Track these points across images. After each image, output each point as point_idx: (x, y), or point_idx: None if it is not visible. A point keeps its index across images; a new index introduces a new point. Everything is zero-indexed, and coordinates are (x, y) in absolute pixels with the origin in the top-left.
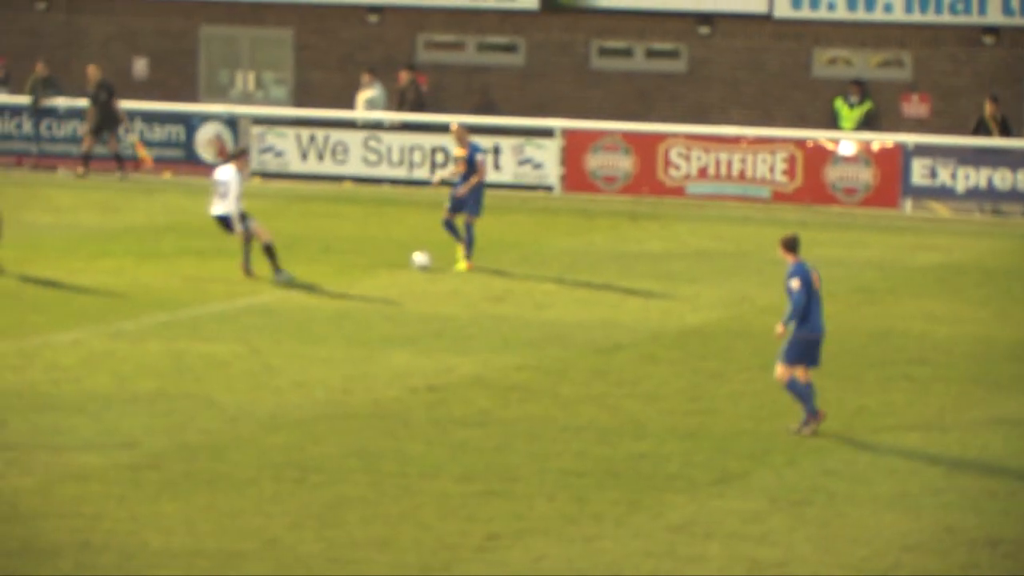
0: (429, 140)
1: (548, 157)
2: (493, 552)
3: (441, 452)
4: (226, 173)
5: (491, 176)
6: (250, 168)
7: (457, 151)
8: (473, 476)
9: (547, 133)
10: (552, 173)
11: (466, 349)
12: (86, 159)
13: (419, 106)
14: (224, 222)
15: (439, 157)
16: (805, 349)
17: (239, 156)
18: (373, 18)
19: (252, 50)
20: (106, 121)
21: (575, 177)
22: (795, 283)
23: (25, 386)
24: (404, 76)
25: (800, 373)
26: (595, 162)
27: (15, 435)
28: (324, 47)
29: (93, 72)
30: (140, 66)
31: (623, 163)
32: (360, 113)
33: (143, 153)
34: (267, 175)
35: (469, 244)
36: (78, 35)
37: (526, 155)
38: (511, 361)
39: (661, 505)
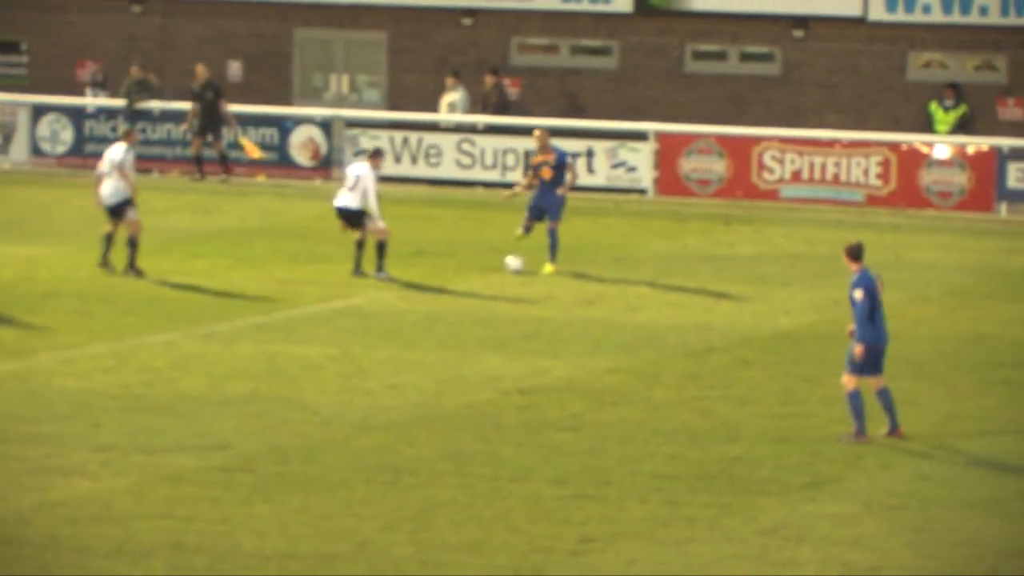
0: (522, 143)
1: (642, 160)
2: (585, 555)
3: (533, 455)
4: (360, 169)
5: (585, 180)
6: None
7: (539, 156)
8: (565, 479)
9: (641, 136)
10: (645, 176)
11: (558, 352)
12: (198, 162)
13: (503, 109)
14: (345, 215)
15: (512, 160)
16: (870, 358)
17: (374, 155)
18: (467, 21)
19: (346, 53)
20: (212, 122)
21: (668, 180)
22: (858, 293)
23: (119, 388)
24: (489, 80)
25: (872, 382)
26: (689, 165)
27: (109, 437)
28: (418, 50)
29: (201, 71)
30: (234, 69)
31: (717, 166)
32: (443, 116)
33: (251, 148)
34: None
35: (553, 248)
36: (173, 38)
37: (620, 158)
38: (603, 364)
39: (753, 509)
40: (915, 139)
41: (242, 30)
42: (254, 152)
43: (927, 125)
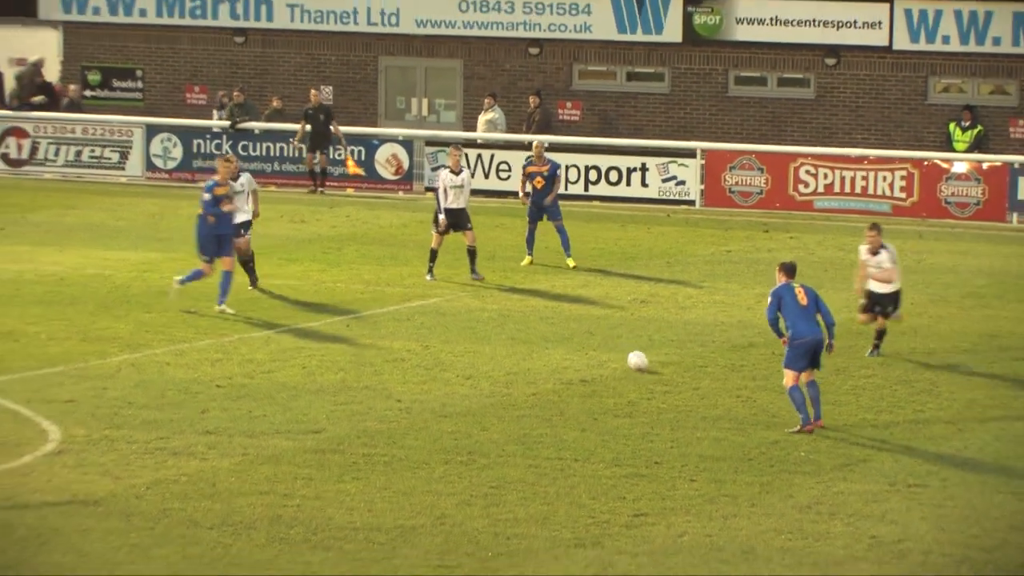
0: (582, 159)
1: (690, 175)
2: (639, 528)
3: (593, 439)
4: (463, 176)
5: (639, 192)
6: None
7: (535, 167)
8: (622, 460)
9: (689, 154)
10: (693, 189)
11: (615, 346)
12: (313, 175)
13: (545, 128)
14: (456, 217)
15: (592, 175)
16: (800, 354)
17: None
18: (534, 50)
19: (426, 79)
20: (321, 141)
21: (714, 193)
22: (768, 301)
23: (224, 378)
24: (533, 101)
25: (805, 376)
26: (732, 179)
27: (215, 421)
28: (489, 76)
29: (315, 96)
30: (326, 93)
31: (757, 180)
32: (480, 133)
33: (353, 165)
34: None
35: (566, 243)
36: (270, 65)
37: (670, 173)
38: (656, 357)
39: (790, 487)
40: (935, 156)
41: (333, 58)
42: (355, 169)
43: (946, 143)
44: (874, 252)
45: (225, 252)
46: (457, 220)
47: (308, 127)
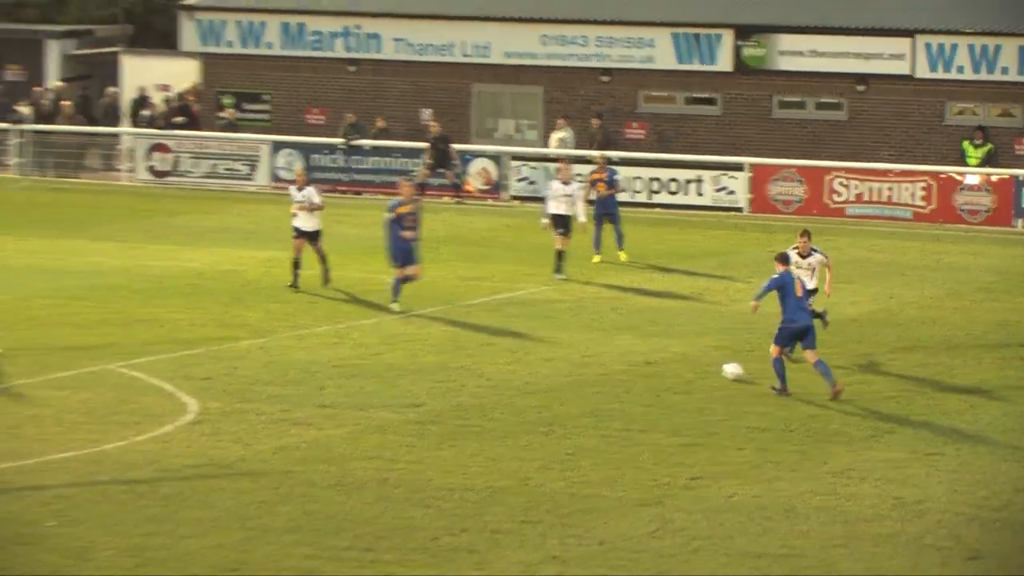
0: (646, 172)
1: (739, 186)
2: (695, 490)
3: (656, 412)
4: (572, 187)
5: (695, 200)
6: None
7: (596, 174)
8: (681, 431)
9: (738, 167)
10: (742, 198)
11: (675, 333)
12: (422, 187)
13: (607, 145)
14: (564, 221)
15: (655, 185)
16: (788, 336)
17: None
18: (605, 78)
19: (512, 103)
20: (442, 161)
21: (760, 201)
22: (768, 281)
23: (338, 359)
24: (595, 123)
25: (809, 355)
26: (775, 190)
27: (331, 396)
28: (566, 100)
29: (435, 128)
30: (425, 115)
31: (797, 190)
32: (553, 149)
33: (467, 181)
34: (523, 198)
35: (621, 240)
36: (380, 91)
37: (722, 184)
38: (710, 343)
39: (826, 455)
40: (951, 170)
41: (432, 85)
42: (469, 185)
43: (960, 159)
44: (804, 255)
45: (413, 261)
46: (561, 224)
47: (430, 151)
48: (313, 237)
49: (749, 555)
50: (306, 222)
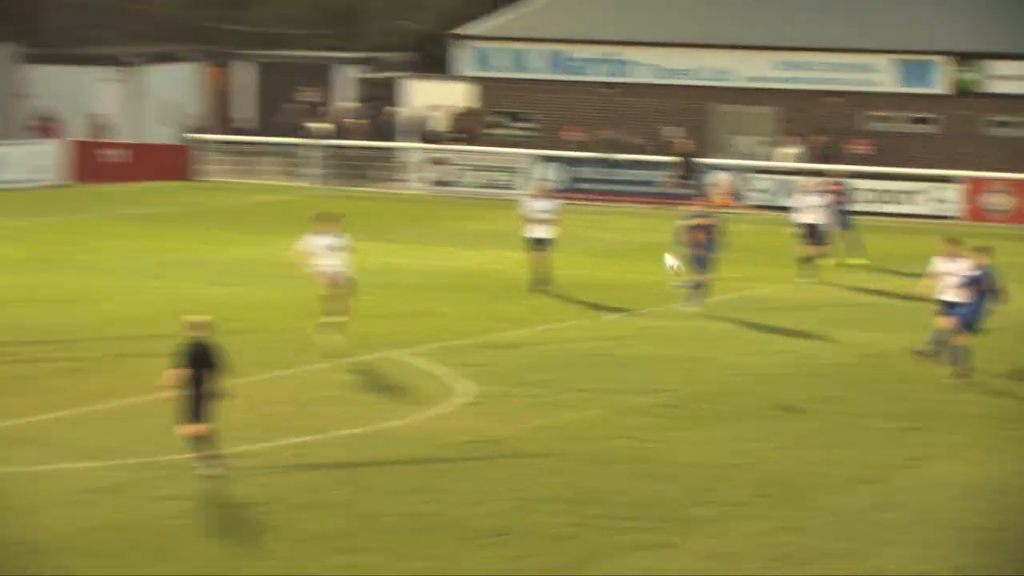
0: (872, 184)
1: (955, 196)
2: (912, 469)
3: (877, 400)
4: (814, 199)
5: (915, 209)
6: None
7: (832, 187)
8: (899, 416)
9: (955, 180)
10: (958, 208)
11: (895, 328)
12: (676, 197)
13: (832, 160)
14: (812, 230)
15: (883, 196)
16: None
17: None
18: (835, 100)
19: (749, 122)
20: (690, 175)
21: (974, 210)
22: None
23: (592, 348)
24: (822, 140)
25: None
26: (989, 201)
27: (585, 381)
28: (798, 120)
29: (685, 144)
30: (668, 132)
31: (1008, 201)
32: (781, 162)
33: (722, 198)
34: (759, 207)
35: (853, 246)
36: (628, 110)
37: (939, 195)
38: (928, 337)
39: None
40: None
41: (675, 105)
42: (724, 200)
43: None
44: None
45: (710, 268)
46: (814, 233)
47: (681, 164)
48: (547, 244)
49: (963, 529)
50: (543, 231)
